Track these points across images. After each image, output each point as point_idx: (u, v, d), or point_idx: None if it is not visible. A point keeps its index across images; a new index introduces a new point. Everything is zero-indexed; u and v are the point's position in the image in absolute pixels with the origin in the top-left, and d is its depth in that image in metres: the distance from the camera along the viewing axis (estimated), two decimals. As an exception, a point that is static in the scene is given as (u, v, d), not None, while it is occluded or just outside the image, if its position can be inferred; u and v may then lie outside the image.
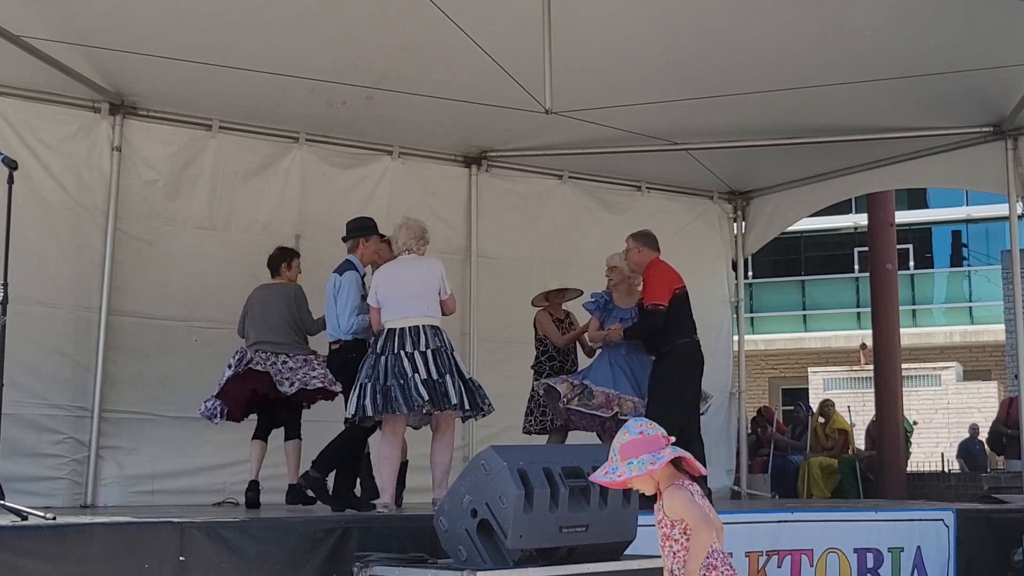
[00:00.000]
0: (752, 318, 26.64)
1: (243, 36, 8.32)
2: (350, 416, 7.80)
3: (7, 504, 6.07)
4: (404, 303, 7.83)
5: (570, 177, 11.55)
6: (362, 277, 8.38)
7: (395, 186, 10.63)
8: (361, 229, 8.55)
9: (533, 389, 9.34)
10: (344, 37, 8.43)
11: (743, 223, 12.68)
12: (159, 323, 9.56)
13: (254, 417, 8.84)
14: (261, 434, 8.74)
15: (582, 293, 9.43)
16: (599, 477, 4.47)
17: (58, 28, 8.12)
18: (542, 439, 9.24)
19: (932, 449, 20.71)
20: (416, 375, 7.62)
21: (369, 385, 7.65)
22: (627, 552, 6.33)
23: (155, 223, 9.62)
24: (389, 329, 7.80)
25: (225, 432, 9.42)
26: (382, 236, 8.57)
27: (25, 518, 5.91)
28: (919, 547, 8.28)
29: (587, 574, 5.80)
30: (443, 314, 7.98)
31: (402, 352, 7.69)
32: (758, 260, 25.53)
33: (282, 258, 9.00)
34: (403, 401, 7.58)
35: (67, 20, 8.10)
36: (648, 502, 4.66)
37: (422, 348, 7.71)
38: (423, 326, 7.78)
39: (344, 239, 8.59)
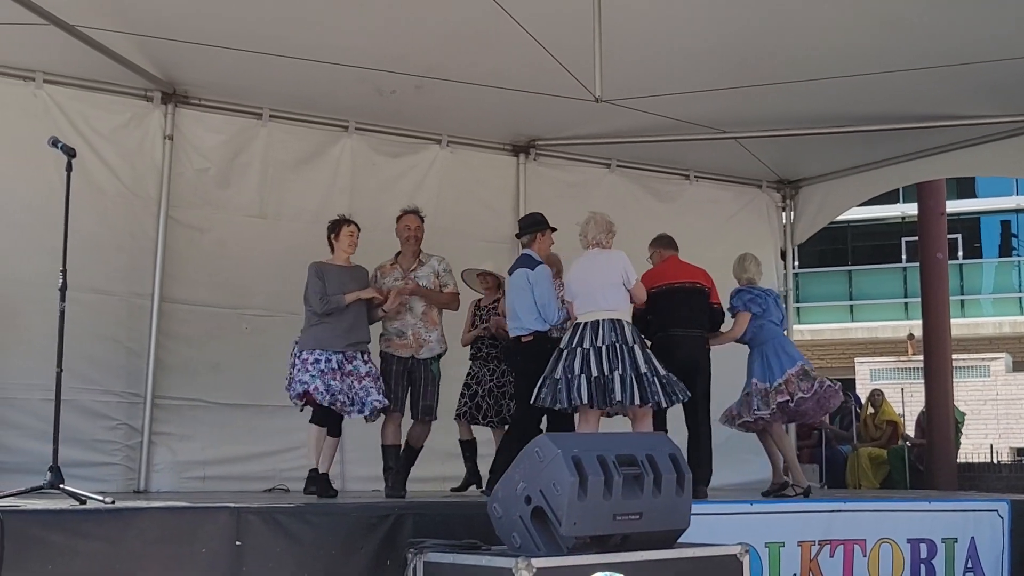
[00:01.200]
0: (799, 308, 26.48)
1: (293, 25, 8.34)
2: (532, 402, 8.14)
3: (67, 488, 6.14)
4: (589, 297, 8.10)
5: (618, 166, 11.52)
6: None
7: (444, 175, 10.65)
8: (537, 224, 8.75)
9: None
10: (394, 26, 8.42)
11: (792, 212, 12.61)
12: (210, 310, 9.62)
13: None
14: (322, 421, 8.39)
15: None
16: None
17: (111, 18, 8.17)
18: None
19: (981, 440, 20.53)
20: (583, 374, 7.88)
21: (547, 379, 8.03)
22: (681, 540, 6.33)
23: (206, 211, 9.68)
24: (576, 324, 8.12)
25: (275, 419, 9.51)
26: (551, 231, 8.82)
27: (84, 502, 5.98)
28: (973, 538, 8.23)
29: (641, 562, 5.79)
30: (633, 303, 8.23)
31: (579, 348, 7.97)
32: (804, 250, 25.17)
33: (330, 229, 8.59)
34: (564, 398, 7.90)
35: (120, 10, 8.14)
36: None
37: (598, 344, 7.92)
38: (602, 320, 8.00)
39: (518, 235, 8.85)
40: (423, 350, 8.52)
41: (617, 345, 7.90)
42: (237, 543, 6.00)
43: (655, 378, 7.88)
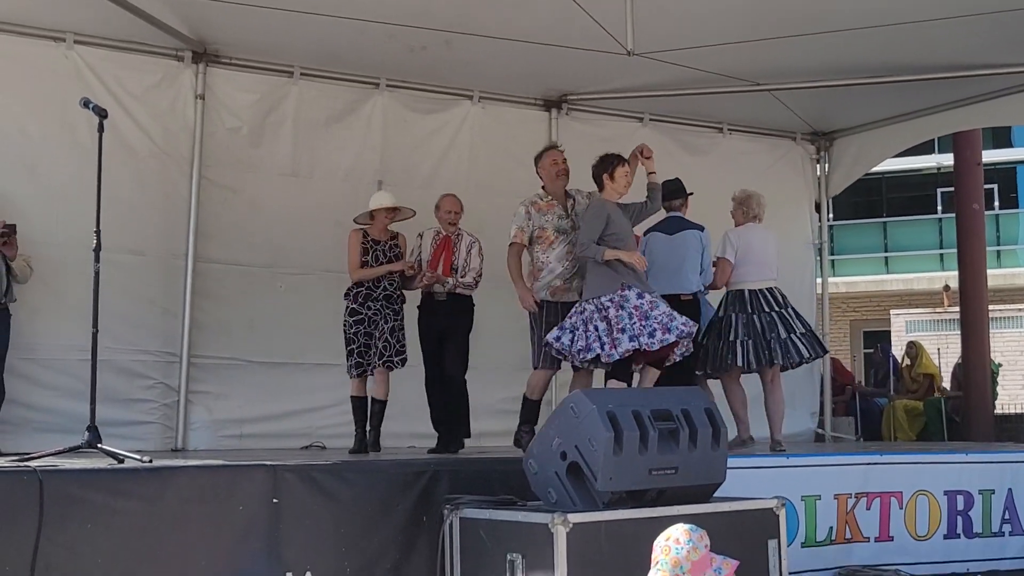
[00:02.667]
0: (833, 260, 26.30)
1: (323, -18, 8.32)
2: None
3: (105, 448, 6.18)
4: (764, 267, 9.08)
5: (651, 120, 11.43)
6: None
7: (476, 131, 10.61)
8: (683, 189, 9.35)
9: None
10: (423, -20, 8.39)
11: (826, 164, 12.51)
12: (244, 270, 9.65)
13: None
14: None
15: (413, 214, 8.84)
16: None
17: (141, -23, 8.18)
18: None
19: (1017, 391, 20.41)
20: (775, 333, 8.83)
21: (750, 341, 8.84)
22: (717, 494, 6.34)
23: (239, 170, 9.68)
24: (750, 290, 8.97)
25: (311, 377, 9.57)
26: None
27: (122, 461, 6.03)
28: (1010, 489, 8.22)
29: (677, 516, 5.78)
30: None
31: (773, 312, 8.94)
32: (839, 202, 25.07)
33: (603, 168, 8.15)
34: (780, 354, 8.84)
35: (150, -31, 8.15)
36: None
37: (777, 309, 8.93)
38: (775, 288, 9.07)
39: (665, 199, 8.94)
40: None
41: (789, 308, 9.01)
42: (274, 500, 6.04)
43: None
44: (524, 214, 8.31)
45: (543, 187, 8.50)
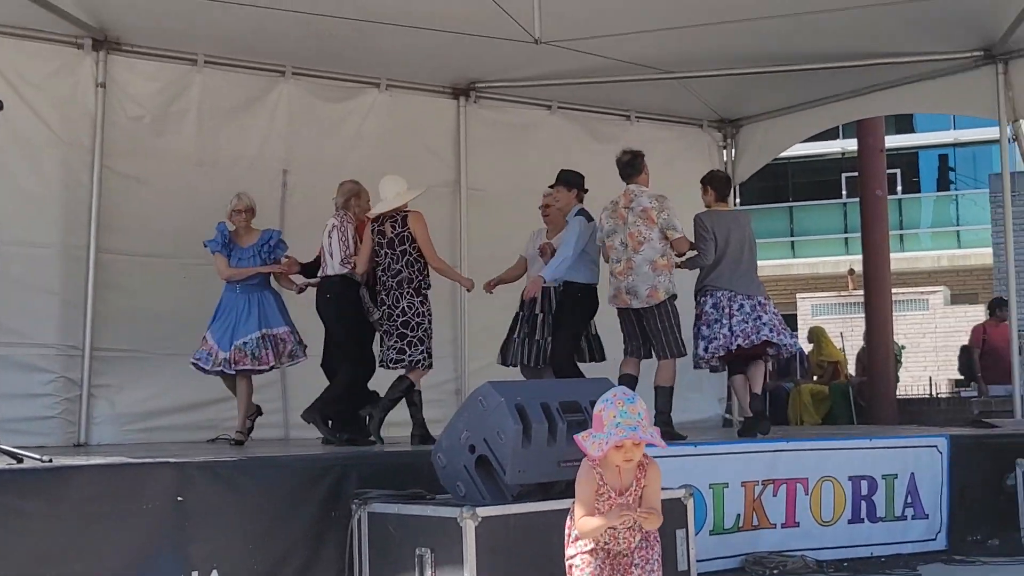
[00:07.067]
0: (740, 245, 26.59)
1: (227, -32, 8.19)
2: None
3: (3, 447, 6.03)
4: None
5: (559, 107, 11.45)
6: None
7: (383, 119, 10.54)
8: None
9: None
10: (330, -32, 8.30)
11: (733, 151, 12.61)
12: (148, 260, 9.49)
13: None
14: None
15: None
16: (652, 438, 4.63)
17: (38, -37, 7.99)
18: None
19: (920, 373, 20.79)
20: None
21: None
22: (625, 485, 6.34)
23: (142, 159, 9.50)
24: None
25: (217, 368, 9.42)
26: None
27: (21, 461, 5.89)
28: (913, 473, 8.33)
29: (586, 508, 5.80)
30: None
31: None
32: (745, 187, 24.95)
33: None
34: None
35: (47, -46, 7.96)
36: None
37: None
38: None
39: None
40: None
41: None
42: (179, 498, 5.95)
43: None
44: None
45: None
